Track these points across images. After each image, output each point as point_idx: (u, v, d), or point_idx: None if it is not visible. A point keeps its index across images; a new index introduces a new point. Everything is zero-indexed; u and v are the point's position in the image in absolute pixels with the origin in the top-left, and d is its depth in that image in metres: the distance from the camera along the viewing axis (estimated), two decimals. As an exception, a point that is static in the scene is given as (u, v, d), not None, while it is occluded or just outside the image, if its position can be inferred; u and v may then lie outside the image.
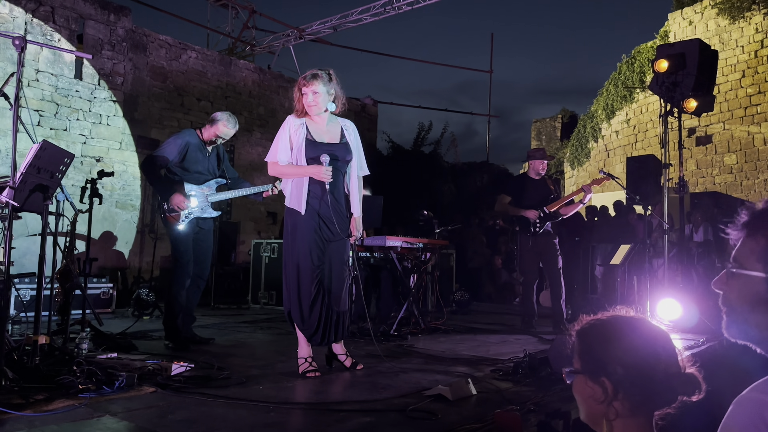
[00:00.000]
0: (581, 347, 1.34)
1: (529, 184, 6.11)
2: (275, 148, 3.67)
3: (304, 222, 3.57)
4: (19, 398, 2.65)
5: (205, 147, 4.70)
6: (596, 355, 1.30)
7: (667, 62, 6.29)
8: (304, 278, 3.55)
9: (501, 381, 3.42)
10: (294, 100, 3.75)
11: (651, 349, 1.26)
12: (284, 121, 3.73)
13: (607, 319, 1.33)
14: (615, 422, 1.27)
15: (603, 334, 1.31)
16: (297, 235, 3.58)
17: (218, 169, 4.82)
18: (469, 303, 8.17)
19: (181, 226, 4.54)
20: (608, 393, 1.26)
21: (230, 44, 14.97)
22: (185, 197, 4.52)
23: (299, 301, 3.56)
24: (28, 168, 3.07)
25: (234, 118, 4.76)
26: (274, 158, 3.65)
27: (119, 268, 9.09)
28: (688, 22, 12.07)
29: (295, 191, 3.61)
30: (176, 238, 4.58)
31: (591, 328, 1.33)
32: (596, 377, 1.28)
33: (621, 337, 1.28)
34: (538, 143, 21.24)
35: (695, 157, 11.75)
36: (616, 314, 1.34)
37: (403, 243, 5.64)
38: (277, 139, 3.68)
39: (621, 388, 1.25)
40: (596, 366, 1.29)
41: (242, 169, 10.59)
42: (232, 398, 2.88)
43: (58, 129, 8.57)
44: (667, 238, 6.41)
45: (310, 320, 3.56)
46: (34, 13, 8.32)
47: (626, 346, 1.26)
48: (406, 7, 12.80)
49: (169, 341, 4.49)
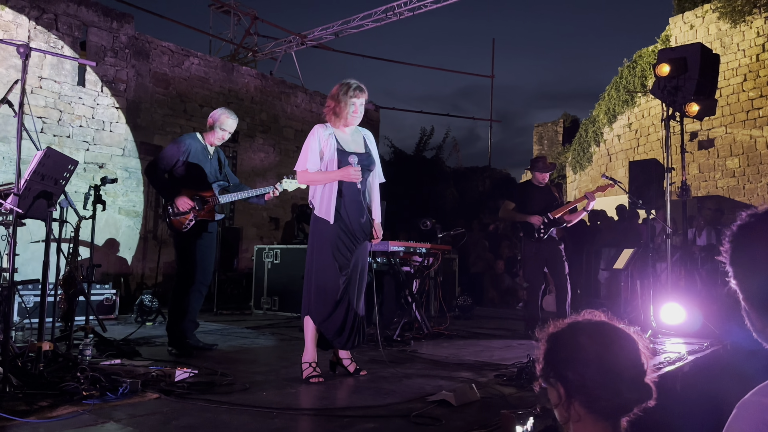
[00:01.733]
0: (542, 352, 1.36)
1: (534, 191, 6.08)
2: (305, 157, 3.68)
3: (332, 229, 3.61)
4: (23, 405, 2.65)
5: (207, 150, 4.72)
6: (549, 360, 1.33)
7: (669, 66, 6.30)
8: (330, 281, 3.59)
9: (505, 386, 3.41)
10: (330, 108, 3.73)
11: (606, 355, 1.26)
12: (312, 130, 3.73)
13: (567, 325, 1.35)
14: (576, 425, 1.28)
15: (558, 339, 1.34)
16: (324, 241, 3.62)
17: (220, 173, 4.83)
18: (472, 308, 8.17)
19: (186, 229, 4.55)
20: (561, 397, 1.28)
21: (232, 50, 15.02)
22: (191, 200, 4.54)
23: (323, 303, 3.59)
24: (32, 175, 3.08)
25: (230, 110, 4.79)
26: (304, 167, 3.68)
27: (122, 274, 9.10)
28: (690, 26, 12.08)
29: (325, 201, 3.64)
30: (181, 243, 4.60)
31: (551, 334, 1.36)
32: (549, 381, 1.31)
33: (573, 343, 1.30)
34: (540, 148, 21.25)
35: (697, 161, 11.74)
36: (578, 320, 1.35)
37: (405, 248, 5.64)
38: (306, 148, 3.69)
39: (575, 393, 1.26)
40: (549, 370, 1.32)
41: (245, 174, 10.61)
42: (235, 404, 2.88)
43: (62, 136, 8.59)
44: (670, 242, 6.41)
45: (333, 321, 3.59)
46: (38, 21, 8.36)
47: (578, 352, 1.28)
48: (408, 12, 12.83)
49: (173, 347, 4.49)
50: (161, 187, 4.66)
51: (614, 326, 1.32)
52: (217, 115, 4.71)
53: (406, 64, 24.68)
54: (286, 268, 7.80)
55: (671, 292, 6.00)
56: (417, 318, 5.75)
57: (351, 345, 3.68)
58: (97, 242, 5.23)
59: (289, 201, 11.08)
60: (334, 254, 3.62)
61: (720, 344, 5.16)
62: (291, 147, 11.87)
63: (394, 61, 38.85)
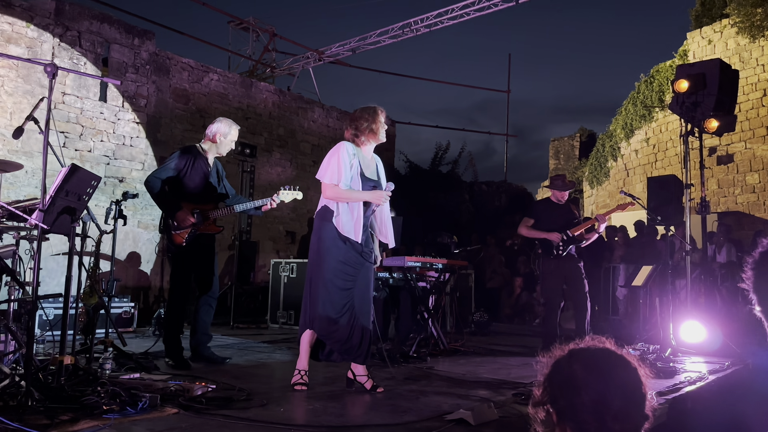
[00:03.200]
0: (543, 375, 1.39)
1: (553, 208, 6.05)
2: (337, 171, 3.69)
3: (343, 245, 3.68)
4: (45, 419, 2.68)
5: (207, 163, 4.73)
6: (546, 385, 1.36)
7: (687, 82, 6.27)
8: (336, 296, 3.65)
9: (523, 405, 3.38)
10: (366, 125, 3.81)
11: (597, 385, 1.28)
12: (339, 145, 3.77)
13: (568, 352, 1.36)
14: None
15: (556, 365, 1.36)
16: (334, 256, 3.67)
17: (219, 185, 4.84)
18: (489, 324, 8.12)
19: (185, 244, 4.59)
20: (554, 422, 1.30)
21: (251, 67, 15.20)
22: (190, 214, 4.56)
23: (328, 316, 3.63)
24: (56, 191, 3.14)
25: (225, 118, 4.84)
26: (335, 181, 3.69)
27: (141, 287, 9.19)
28: (708, 41, 12.02)
29: (353, 220, 3.69)
30: (177, 257, 4.64)
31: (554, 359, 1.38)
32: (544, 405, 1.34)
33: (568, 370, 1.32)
34: (557, 162, 21.17)
35: (717, 177, 11.63)
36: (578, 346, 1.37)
37: (422, 263, 5.64)
38: (337, 161, 3.71)
39: (566, 420, 1.29)
40: (545, 395, 1.35)
41: (262, 188, 10.69)
42: (253, 420, 2.89)
43: (83, 150, 8.73)
44: (690, 259, 6.33)
45: (338, 334, 3.64)
46: (62, 38, 8.53)
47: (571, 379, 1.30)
48: (424, 29, 12.92)
49: (169, 358, 4.55)
50: (161, 200, 4.62)
51: (613, 354, 1.33)
52: (216, 128, 4.72)
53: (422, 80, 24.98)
54: (303, 282, 7.79)
55: (691, 310, 5.93)
56: (433, 334, 5.73)
57: (361, 359, 3.69)
58: (117, 256, 5.29)
59: (305, 215, 11.13)
60: (343, 270, 3.68)
61: (741, 364, 5.08)
62: (308, 161, 11.95)
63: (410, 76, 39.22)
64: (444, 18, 12.58)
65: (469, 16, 12.36)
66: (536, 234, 5.98)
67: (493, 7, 11.99)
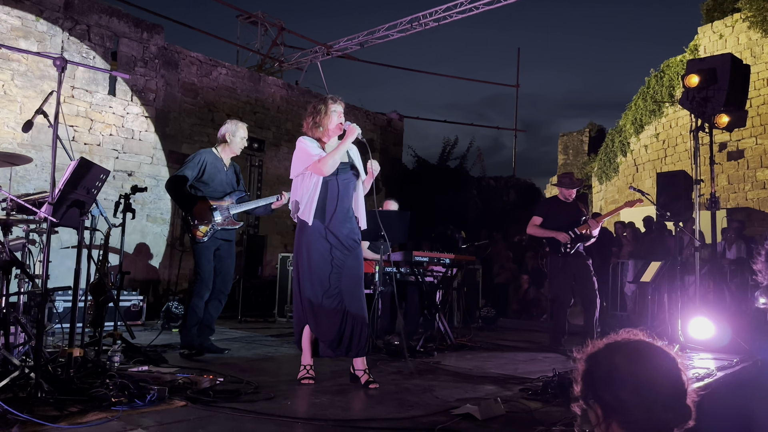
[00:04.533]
0: (581, 372, 1.36)
1: (560, 206, 6.10)
2: (307, 153, 3.71)
3: (319, 236, 3.66)
4: (54, 410, 2.70)
5: (222, 162, 4.97)
6: (587, 381, 1.33)
7: (698, 77, 6.22)
8: (321, 291, 3.63)
9: (530, 400, 3.38)
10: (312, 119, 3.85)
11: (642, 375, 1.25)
12: (298, 141, 3.81)
13: (604, 345, 1.34)
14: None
15: (595, 359, 1.33)
16: (312, 249, 3.66)
17: (237, 184, 5.08)
18: (496, 319, 8.11)
19: (206, 239, 4.78)
20: (599, 418, 1.27)
21: (259, 61, 15.19)
22: (209, 210, 4.77)
23: (316, 313, 3.64)
24: (65, 185, 3.16)
25: (232, 119, 5.11)
26: (311, 159, 3.68)
27: (150, 280, 9.23)
28: (719, 35, 11.91)
29: (308, 201, 3.67)
30: (199, 252, 4.82)
31: (589, 354, 1.35)
32: (587, 402, 1.30)
33: (609, 364, 1.29)
34: (565, 157, 21.07)
35: (726, 172, 11.54)
36: (615, 339, 1.34)
37: (429, 258, 5.64)
38: (303, 148, 3.75)
39: (612, 414, 1.25)
40: (587, 391, 1.31)
41: (270, 183, 10.71)
42: (261, 413, 2.90)
43: (92, 144, 8.77)
44: (699, 255, 6.30)
45: (329, 330, 3.64)
46: (71, 32, 8.56)
47: (613, 372, 1.27)
48: (433, 23, 12.87)
49: (185, 349, 4.74)
50: (181, 200, 4.86)
51: (652, 345, 1.31)
52: (225, 128, 4.99)
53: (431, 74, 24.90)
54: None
55: (699, 306, 5.90)
56: (440, 329, 5.73)
57: (353, 353, 3.68)
58: (126, 249, 5.33)
59: (313, 210, 11.11)
60: (328, 262, 3.65)
61: (750, 360, 5.05)
62: (315, 156, 11.93)
63: (419, 71, 38.91)
64: (453, 12, 12.52)
65: (478, 10, 12.29)
66: (545, 233, 5.99)
67: (503, 0, 11.92)
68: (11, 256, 3.19)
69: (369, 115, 13.71)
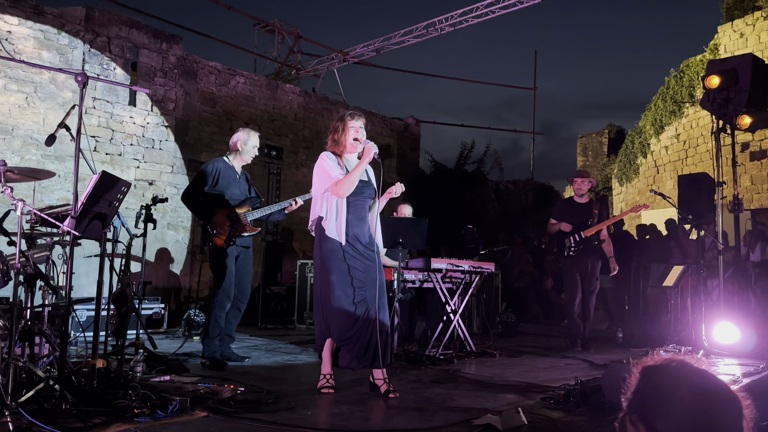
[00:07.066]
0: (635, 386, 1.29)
1: (573, 207, 6.42)
2: (327, 174, 3.74)
3: (341, 249, 3.69)
4: (78, 422, 2.74)
5: (234, 171, 4.99)
6: (640, 399, 1.25)
7: (719, 78, 6.14)
8: (346, 303, 3.64)
9: (552, 410, 3.35)
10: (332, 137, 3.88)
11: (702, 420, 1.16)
12: (320, 158, 3.82)
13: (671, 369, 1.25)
14: None
15: (655, 382, 1.24)
16: (335, 262, 3.68)
17: (250, 192, 5.12)
18: (516, 324, 8.05)
19: (226, 246, 4.79)
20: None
21: (276, 69, 15.29)
22: (227, 218, 4.80)
23: (343, 325, 3.64)
24: (87, 198, 3.20)
25: (244, 128, 5.15)
26: (331, 181, 3.72)
27: (171, 288, 9.32)
28: (739, 34, 11.74)
29: (338, 221, 3.72)
30: (220, 261, 4.83)
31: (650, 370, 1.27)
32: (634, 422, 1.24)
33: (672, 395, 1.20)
34: (585, 159, 20.90)
35: (749, 173, 11.35)
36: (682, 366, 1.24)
37: (448, 265, 5.62)
38: (323, 167, 3.77)
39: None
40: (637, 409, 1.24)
41: (288, 190, 10.76)
42: (281, 424, 2.91)
43: (113, 154, 8.89)
44: (722, 259, 6.20)
45: (357, 342, 3.63)
46: (92, 44, 8.69)
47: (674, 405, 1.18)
48: (449, 28, 12.84)
49: (206, 359, 4.74)
50: (197, 210, 4.94)
51: (720, 385, 1.22)
52: (236, 137, 5.01)
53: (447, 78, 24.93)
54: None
55: (724, 311, 5.81)
56: (460, 336, 5.70)
57: (378, 364, 3.67)
58: (148, 257, 5.40)
59: (331, 216, 11.14)
60: (348, 274, 3.67)
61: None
62: (333, 162, 11.96)
63: (435, 75, 38.96)
64: (469, 17, 12.48)
65: (495, 14, 12.24)
66: (555, 227, 6.32)
67: (519, 4, 11.86)
68: (35, 269, 3.24)
69: (386, 121, 13.72)
